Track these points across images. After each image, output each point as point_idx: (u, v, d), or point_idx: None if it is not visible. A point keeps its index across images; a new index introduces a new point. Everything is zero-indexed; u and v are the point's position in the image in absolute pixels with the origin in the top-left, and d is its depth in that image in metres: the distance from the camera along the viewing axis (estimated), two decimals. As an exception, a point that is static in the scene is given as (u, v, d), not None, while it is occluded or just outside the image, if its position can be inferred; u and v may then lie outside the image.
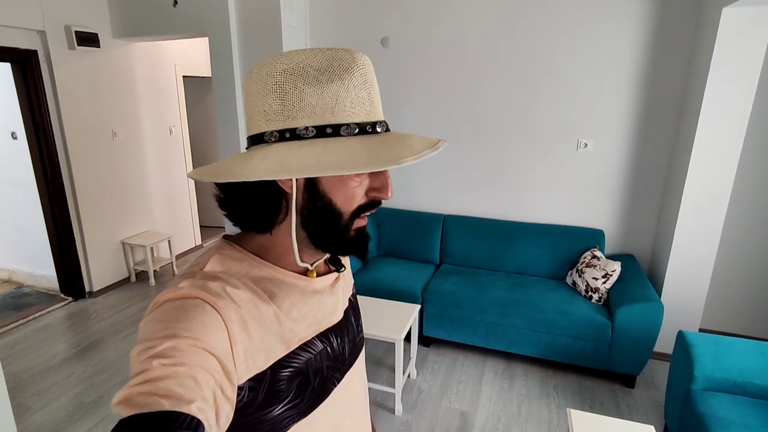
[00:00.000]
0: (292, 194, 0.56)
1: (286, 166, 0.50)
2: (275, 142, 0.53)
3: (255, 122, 0.55)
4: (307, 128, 0.52)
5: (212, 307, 0.50)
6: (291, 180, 0.55)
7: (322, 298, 0.64)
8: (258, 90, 0.55)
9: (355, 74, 0.54)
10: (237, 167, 0.52)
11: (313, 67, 0.53)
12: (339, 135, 0.52)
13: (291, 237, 0.58)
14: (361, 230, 0.60)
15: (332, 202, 0.56)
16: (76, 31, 3.32)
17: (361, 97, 0.54)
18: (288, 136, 0.53)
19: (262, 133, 0.54)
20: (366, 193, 0.58)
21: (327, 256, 0.66)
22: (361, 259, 0.62)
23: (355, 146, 0.51)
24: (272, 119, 0.53)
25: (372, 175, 0.57)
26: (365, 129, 0.54)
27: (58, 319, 3.40)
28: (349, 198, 0.57)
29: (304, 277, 0.62)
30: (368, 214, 0.59)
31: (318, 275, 0.65)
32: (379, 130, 0.55)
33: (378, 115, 0.56)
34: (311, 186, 0.55)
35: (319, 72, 0.53)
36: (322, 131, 0.52)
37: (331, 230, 0.57)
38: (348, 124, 0.53)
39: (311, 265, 0.63)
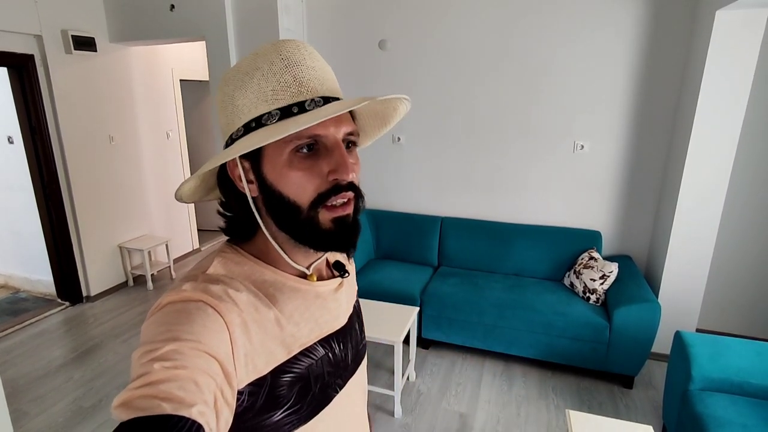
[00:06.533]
0: (248, 197, 0.57)
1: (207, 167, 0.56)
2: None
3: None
4: (238, 129, 0.56)
5: (214, 310, 0.50)
6: (243, 183, 0.57)
7: (325, 303, 0.64)
8: (217, 105, 0.60)
9: (275, 61, 0.54)
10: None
11: (241, 71, 0.56)
12: (261, 125, 0.54)
13: (270, 239, 0.59)
14: (341, 221, 0.56)
15: (282, 194, 0.55)
16: (72, 36, 3.32)
17: (284, 81, 0.54)
18: (230, 142, 0.57)
19: (225, 143, 0.59)
20: (327, 178, 0.54)
21: (324, 257, 0.65)
22: (343, 252, 0.59)
23: (270, 129, 0.52)
24: (224, 131, 0.59)
25: (326, 157, 0.54)
26: (290, 111, 0.53)
27: (55, 324, 3.38)
28: (298, 187, 0.54)
29: (305, 281, 0.62)
30: (338, 202, 0.55)
31: (321, 280, 0.65)
32: (309, 108, 0.53)
33: (311, 92, 0.54)
34: (262, 183, 0.56)
35: (244, 73, 0.55)
36: (248, 127, 0.55)
37: (299, 225, 0.55)
38: (269, 113, 0.53)
39: (308, 268, 0.62)
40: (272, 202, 0.56)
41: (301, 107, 0.53)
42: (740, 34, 2.33)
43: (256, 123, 0.54)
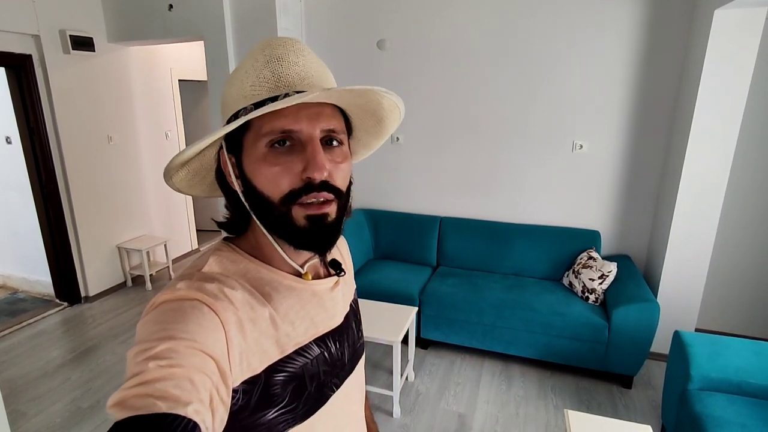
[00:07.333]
0: (238, 192, 0.58)
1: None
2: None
3: None
4: (223, 124, 0.57)
5: (210, 308, 0.50)
6: (231, 177, 0.58)
7: (321, 301, 0.64)
8: None
9: (258, 57, 0.55)
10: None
11: (236, 68, 0.58)
12: (237, 119, 0.54)
13: (265, 233, 0.58)
14: (317, 219, 0.55)
15: (257, 188, 0.55)
16: (70, 36, 3.31)
17: (263, 77, 0.54)
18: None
19: None
20: (301, 176, 0.53)
21: (316, 257, 0.65)
22: (317, 253, 0.58)
23: (239, 122, 0.53)
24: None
25: (300, 154, 0.53)
26: (263, 105, 0.53)
27: (53, 325, 3.38)
28: (270, 181, 0.54)
29: (301, 279, 0.62)
30: (312, 199, 0.54)
31: (317, 278, 0.64)
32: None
33: (287, 87, 0.54)
34: (242, 175, 0.57)
35: (235, 71, 0.58)
36: (229, 122, 0.56)
37: (273, 219, 0.55)
38: (245, 107, 0.55)
39: (303, 266, 0.62)
40: (250, 196, 0.57)
41: (273, 101, 0.53)
42: (739, 33, 2.33)
43: (234, 117, 0.55)
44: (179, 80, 4.49)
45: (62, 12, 3.32)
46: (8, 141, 3.54)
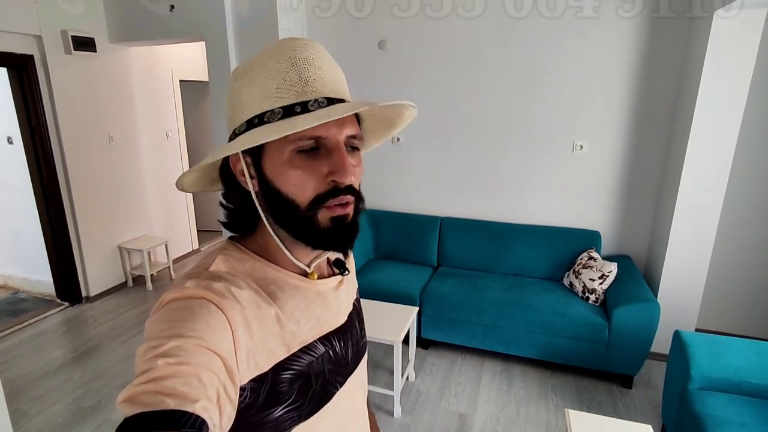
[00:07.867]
0: (251, 192, 0.58)
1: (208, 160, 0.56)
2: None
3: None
4: (241, 125, 0.56)
5: (217, 307, 0.51)
6: (245, 177, 0.57)
7: (325, 300, 0.64)
8: (226, 99, 0.60)
9: (282, 59, 0.54)
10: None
11: (251, 66, 0.56)
12: (263, 122, 0.54)
13: (272, 235, 0.59)
14: (339, 220, 0.56)
15: (281, 192, 0.55)
16: (72, 36, 3.32)
17: (289, 79, 0.54)
18: (232, 137, 0.58)
19: (229, 137, 0.60)
20: (326, 179, 0.54)
21: (325, 256, 0.66)
22: (340, 252, 0.59)
23: (271, 126, 0.52)
24: (229, 124, 0.59)
25: (326, 158, 0.54)
26: (293, 110, 0.53)
27: (54, 325, 3.38)
28: (297, 185, 0.54)
29: (306, 279, 0.62)
30: (338, 203, 0.55)
31: (321, 278, 0.65)
32: (312, 108, 0.53)
33: (315, 92, 0.54)
34: (261, 179, 0.57)
35: (252, 69, 0.56)
36: (251, 123, 0.55)
37: (297, 223, 0.56)
38: (272, 110, 0.54)
39: (309, 266, 0.63)
40: (271, 198, 0.56)
41: (303, 107, 0.53)
42: (739, 34, 2.33)
43: (259, 120, 0.55)
44: (180, 81, 4.50)
45: (64, 13, 3.32)
46: (10, 141, 3.55)
